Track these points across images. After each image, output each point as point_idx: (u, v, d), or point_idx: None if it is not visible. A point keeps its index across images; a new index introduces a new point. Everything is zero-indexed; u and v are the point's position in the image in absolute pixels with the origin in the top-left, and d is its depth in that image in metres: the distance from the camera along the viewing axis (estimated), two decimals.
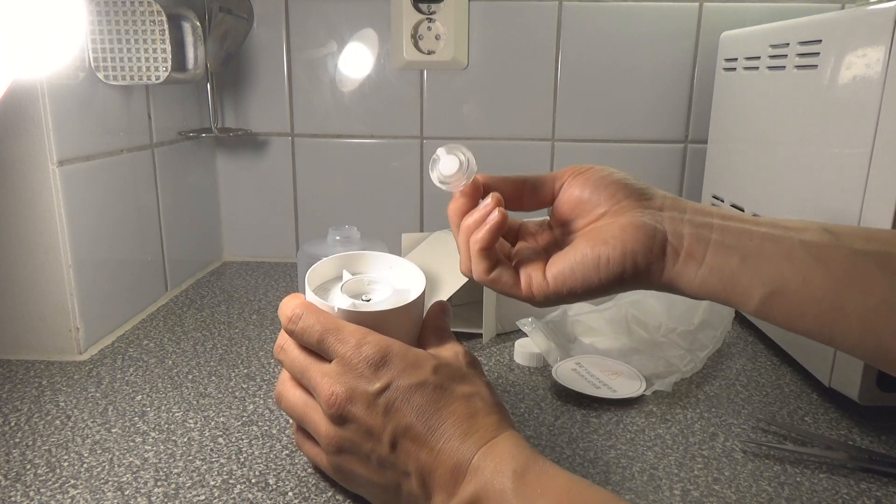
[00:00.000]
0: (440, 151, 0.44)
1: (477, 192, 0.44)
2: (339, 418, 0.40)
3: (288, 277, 0.94)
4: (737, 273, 0.39)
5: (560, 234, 0.45)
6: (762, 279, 0.38)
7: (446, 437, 0.38)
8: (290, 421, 0.55)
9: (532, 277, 0.42)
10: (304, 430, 0.45)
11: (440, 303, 0.49)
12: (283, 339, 0.44)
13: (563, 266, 0.41)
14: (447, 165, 0.43)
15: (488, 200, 0.42)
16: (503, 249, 0.46)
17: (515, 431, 0.40)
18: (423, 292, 0.48)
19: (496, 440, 0.38)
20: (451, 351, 0.44)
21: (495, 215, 0.42)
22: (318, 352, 0.42)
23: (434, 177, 0.44)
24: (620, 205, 0.42)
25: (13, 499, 0.44)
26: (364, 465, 0.40)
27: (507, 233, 0.47)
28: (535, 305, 0.43)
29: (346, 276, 0.51)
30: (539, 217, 0.49)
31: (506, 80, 0.95)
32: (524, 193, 0.45)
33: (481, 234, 0.42)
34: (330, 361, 0.42)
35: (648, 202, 0.42)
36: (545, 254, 0.44)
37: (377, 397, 0.39)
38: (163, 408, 0.57)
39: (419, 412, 0.39)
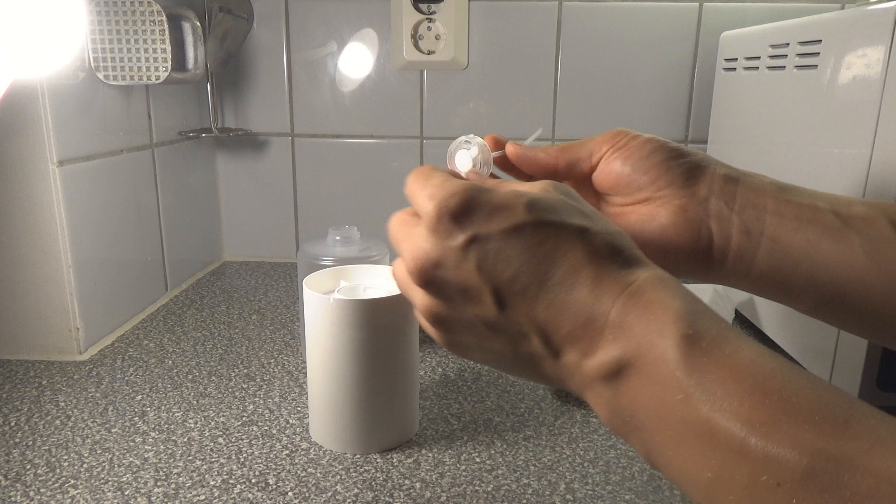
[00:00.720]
0: (453, 145, 0.41)
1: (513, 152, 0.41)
2: (428, 285, 0.33)
3: (288, 277, 0.94)
4: (790, 278, 0.36)
5: (600, 201, 0.42)
6: (816, 286, 0.35)
7: (567, 286, 0.30)
8: (290, 420, 0.55)
9: None
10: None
11: (494, 138, 0.43)
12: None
13: None
14: (461, 163, 0.41)
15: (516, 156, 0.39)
16: None
17: (659, 271, 0.30)
18: None
19: (639, 285, 0.29)
20: (536, 186, 0.35)
21: (512, 157, 0.39)
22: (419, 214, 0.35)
23: (450, 167, 0.42)
24: (662, 192, 0.38)
25: (13, 499, 0.44)
26: (472, 334, 0.34)
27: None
28: None
29: (343, 283, 0.53)
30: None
31: (506, 80, 0.95)
32: (559, 166, 0.41)
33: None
34: None
35: (693, 189, 0.37)
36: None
37: (465, 253, 0.31)
38: (163, 408, 0.57)
39: (522, 260, 0.31)
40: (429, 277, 0.33)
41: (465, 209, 0.32)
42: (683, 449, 0.26)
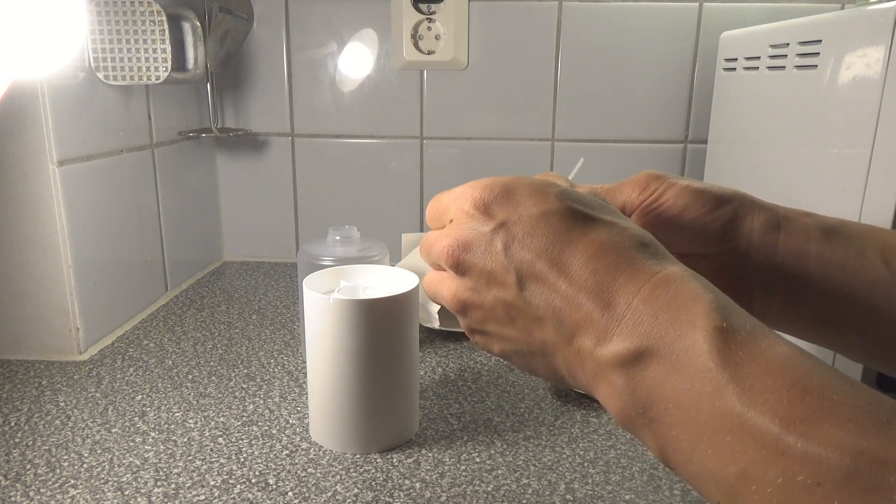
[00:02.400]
0: None
1: None
2: (458, 268, 0.34)
3: (288, 277, 0.94)
4: (838, 332, 0.35)
5: None
6: (867, 337, 0.35)
7: (590, 270, 0.30)
8: (290, 420, 0.55)
9: None
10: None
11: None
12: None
13: None
14: None
15: None
16: None
17: (686, 269, 0.30)
18: (417, 286, 0.50)
19: (667, 275, 0.28)
20: (581, 188, 0.37)
21: None
22: (446, 221, 0.37)
23: None
24: (699, 251, 0.37)
25: (13, 499, 0.44)
26: (494, 320, 0.34)
27: None
28: None
29: (343, 283, 0.53)
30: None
31: (506, 80, 0.95)
32: None
33: None
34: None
35: (732, 244, 0.36)
36: None
37: (493, 236, 0.32)
38: (163, 408, 0.57)
39: (547, 244, 0.31)
40: (459, 260, 0.33)
41: (498, 196, 0.33)
42: (708, 443, 0.24)
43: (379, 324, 0.48)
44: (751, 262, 0.35)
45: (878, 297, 0.34)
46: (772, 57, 0.68)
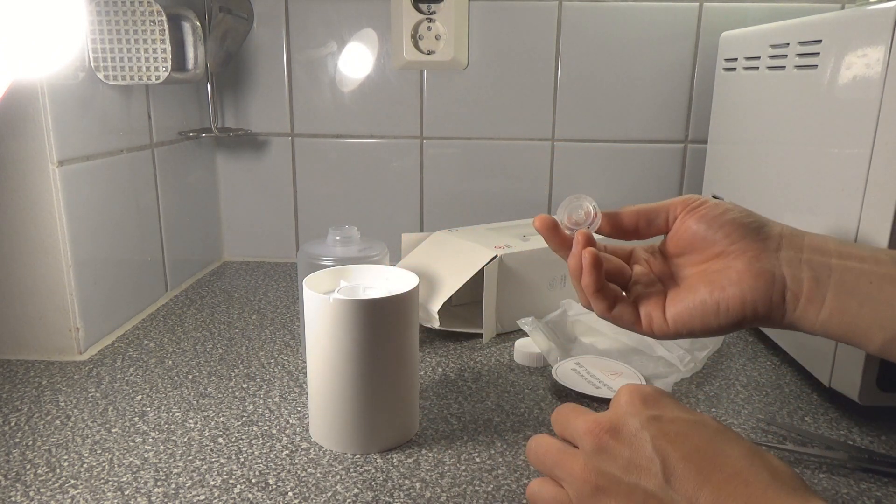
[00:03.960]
0: (567, 202, 0.44)
1: (586, 240, 0.44)
2: (599, 448, 0.36)
3: (288, 277, 0.94)
4: (857, 317, 0.38)
5: (675, 266, 0.45)
6: (882, 323, 0.37)
7: (740, 481, 0.32)
8: (290, 420, 0.55)
9: (653, 317, 0.42)
10: (546, 480, 0.40)
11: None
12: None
13: (681, 308, 0.42)
14: (575, 213, 0.44)
15: (578, 244, 0.43)
16: (622, 274, 0.45)
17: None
18: (417, 287, 0.50)
19: None
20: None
21: (586, 256, 0.42)
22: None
23: (558, 217, 0.45)
24: (736, 245, 0.41)
25: (13, 499, 0.44)
26: (630, 500, 0.35)
27: (620, 256, 0.47)
28: (654, 338, 0.45)
29: (343, 283, 0.53)
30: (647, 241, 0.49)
31: (506, 80, 0.95)
32: (639, 226, 0.45)
33: (586, 280, 0.42)
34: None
35: (765, 242, 0.41)
36: (661, 285, 0.44)
37: (643, 428, 0.35)
38: (163, 408, 0.57)
39: (701, 441, 0.34)
40: (603, 442, 0.36)
41: (656, 396, 0.37)
42: None
43: (379, 324, 0.48)
44: (782, 256, 0.40)
45: (891, 290, 0.37)
46: (772, 57, 0.68)
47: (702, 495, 0.32)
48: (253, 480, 0.47)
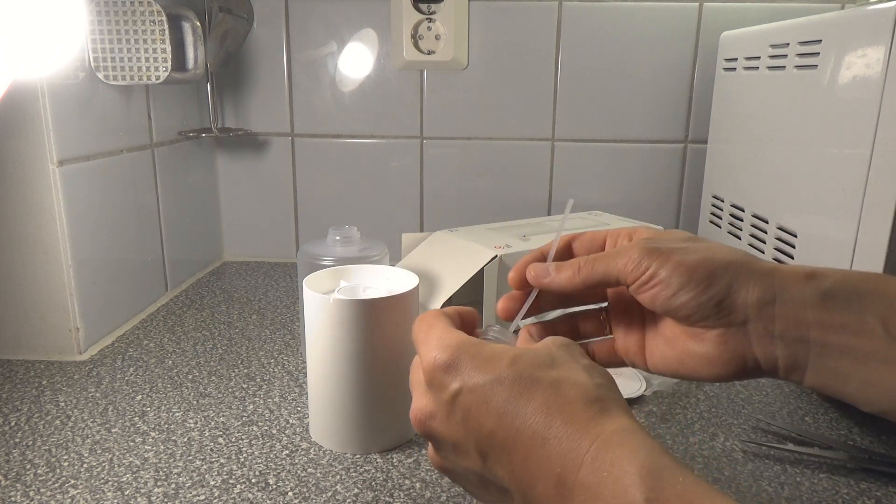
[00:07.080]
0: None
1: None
2: (428, 437, 0.36)
3: (288, 277, 0.94)
4: (843, 392, 0.35)
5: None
6: (871, 401, 0.35)
7: (540, 441, 0.31)
8: (290, 420, 0.55)
9: (635, 363, 0.41)
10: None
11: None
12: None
13: (660, 361, 0.39)
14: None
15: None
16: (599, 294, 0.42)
17: (629, 421, 0.31)
18: (417, 287, 0.50)
19: (605, 440, 0.29)
20: (543, 343, 0.37)
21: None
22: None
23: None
24: (699, 325, 0.36)
25: (13, 499, 0.44)
26: (472, 485, 0.36)
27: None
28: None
29: (343, 283, 0.53)
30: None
31: (506, 80, 0.95)
32: (584, 294, 0.42)
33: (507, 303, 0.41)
34: None
35: (728, 318, 0.36)
36: (640, 319, 0.41)
37: (452, 405, 0.34)
38: (163, 408, 0.57)
39: (500, 413, 0.32)
40: (426, 430, 0.35)
41: (454, 362, 0.34)
42: None
43: (379, 324, 0.48)
44: (751, 333, 0.35)
45: (877, 367, 0.34)
46: (772, 57, 0.68)
47: (513, 465, 0.32)
48: (253, 480, 0.47)
